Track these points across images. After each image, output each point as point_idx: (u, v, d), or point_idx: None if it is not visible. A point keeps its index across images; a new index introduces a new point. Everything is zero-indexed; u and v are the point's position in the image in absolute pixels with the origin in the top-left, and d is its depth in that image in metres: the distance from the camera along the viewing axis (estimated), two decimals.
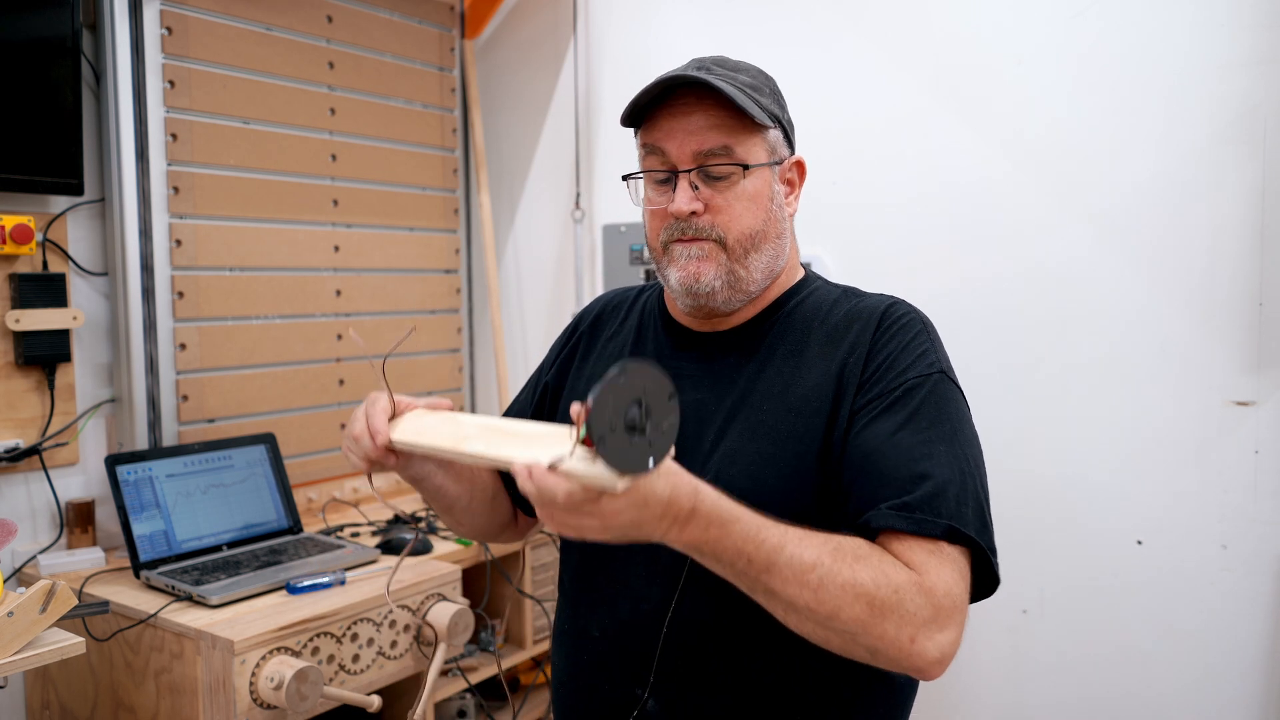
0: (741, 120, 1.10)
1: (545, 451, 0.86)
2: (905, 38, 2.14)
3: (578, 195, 2.69)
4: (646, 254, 2.57)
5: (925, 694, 2.14)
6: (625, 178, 1.19)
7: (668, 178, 1.13)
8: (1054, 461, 1.99)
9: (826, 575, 0.91)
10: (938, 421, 1.04)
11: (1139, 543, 1.92)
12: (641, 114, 1.14)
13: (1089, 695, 1.98)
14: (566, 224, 2.74)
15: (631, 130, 1.19)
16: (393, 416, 1.11)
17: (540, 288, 2.83)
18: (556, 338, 1.40)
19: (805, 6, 2.27)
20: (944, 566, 0.97)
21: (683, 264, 1.13)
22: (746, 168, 1.11)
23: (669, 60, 2.70)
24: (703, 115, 1.10)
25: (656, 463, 0.84)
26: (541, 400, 1.34)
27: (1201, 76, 1.81)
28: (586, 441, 0.83)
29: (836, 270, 2.24)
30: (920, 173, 2.13)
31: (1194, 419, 1.85)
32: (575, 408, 0.84)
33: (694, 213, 1.11)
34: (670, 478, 0.87)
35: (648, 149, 1.14)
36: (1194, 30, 1.81)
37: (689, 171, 1.11)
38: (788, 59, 2.28)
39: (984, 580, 1.02)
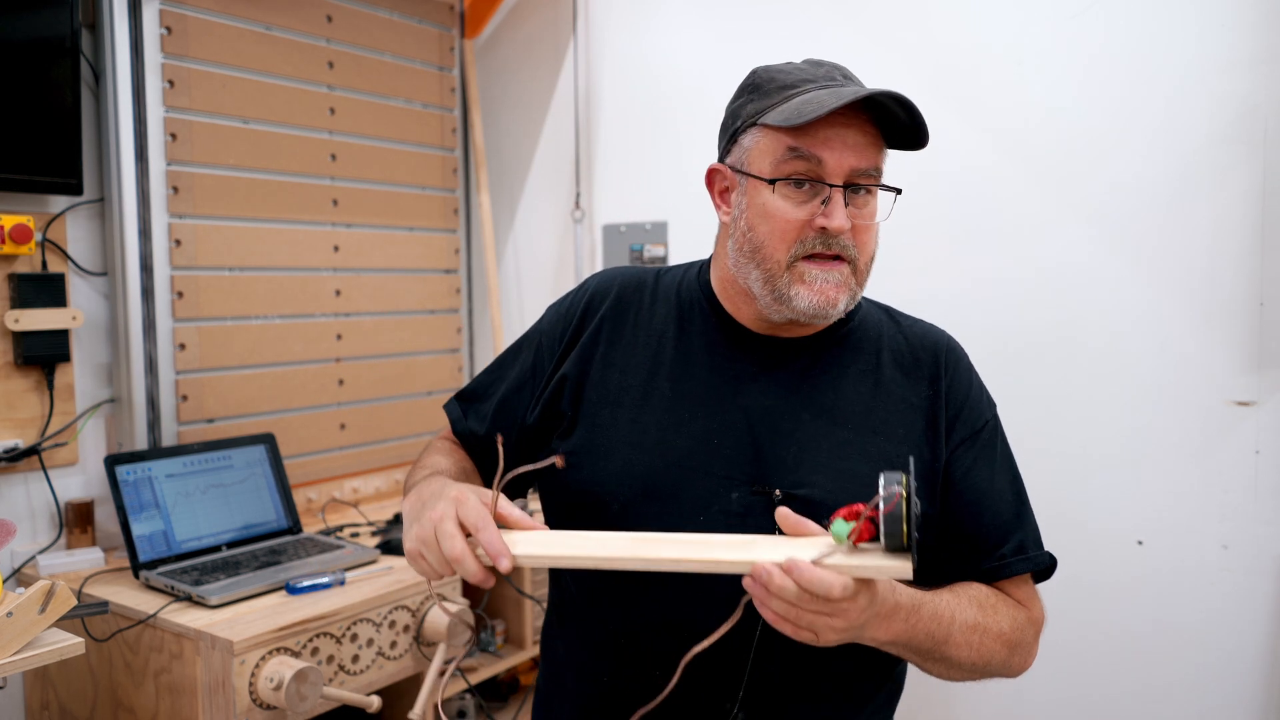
0: (881, 139, 1.08)
1: (785, 552, 0.87)
2: (906, 38, 2.14)
3: (578, 195, 2.69)
4: (647, 254, 2.56)
5: (926, 693, 2.14)
6: (772, 181, 1.07)
7: (812, 187, 1.06)
8: (1054, 461, 1.99)
9: (985, 633, 1.04)
10: (1008, 457, 1.19)
11: (1139, 543, 1.92)
12: (796, 114, 1.05)
13: (1089, 694, 1.98)
14: (566, 224, 2.74)
15: (743, 127, 1.12)
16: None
17: (540, 288, 2.83)
18: (552, 318, 1.26)
19: (805, 7, 2.27)
20: (1036, 592, 1.17)
21: (819, 287, 1.06)
22: (899, 191, 1.10)
23: (669, 60, 2.68)
24: (859, 131, 1.05)
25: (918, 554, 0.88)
26: (558, 391, 1.20)
27: (1202, 76, 1.81)
28: (862, 535, 0.87)
29: None
30: (921, 172, 2.12)
31: (1194, 419, 1.85)
32: (785, 517, 0.92)
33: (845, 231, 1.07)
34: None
35: (796, 153, 1.05)
36: (1194, 30, 1.81)
37: (845, 188, 1.06)
38: (788, 59, 2.28)
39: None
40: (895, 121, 1.06)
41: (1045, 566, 1.15)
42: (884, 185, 1.10)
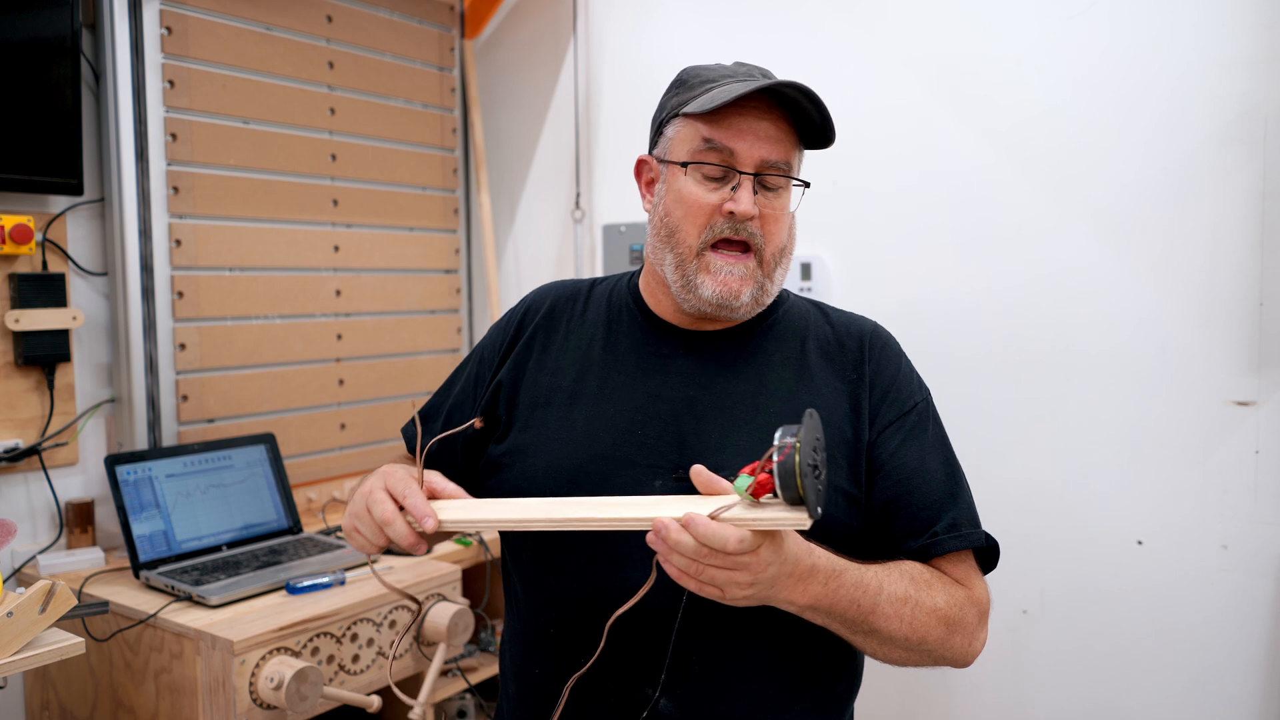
0: (795, 136, 1.12)
1: (684, 508, 0.88)
2: (907, 39, 2.14)
3: (578, 195, 2.69)
4: (647, 252, 2.56)
5: (927, 693, 2.14)
6: (685, 165, 1.13)
7: (725, 176, 1.11)
8: (1054, 462, 1.99)
9: (916, 606, 1.03)
10: (942, 439, 1.18)
11: (1139, 543, 1.92)
12: (712, 103, 1.09)
13: (1089, 695, 1.98)
14: (566, 224, 2.74)
15: (666, 119, 1.17)
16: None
17: None
18: (493, 332, 1.32)
19: (806, 8, 2.27)
20: (977, 573, 1.13)
21: (723, 278, 1.11)
22: (807, 185, 1.13)
23: (669, 60, 2.70)
24: (773, 124, 1.10)
25: (823, 507, 0.87)
26: (494, 397, 1.24)
27: (1202, 76, 1.81)
28: (763, 488, 0.87)
29: (837, 272, 2.24)
30: (922, 173, 2.13)
31: (1194, 419, 1.85)
32: (699, 474, 0.92)
33: (753, 217, 1.11)
34: (796, 535, 0.93)
35: (710, 144, 1.11)
36: (1195, 30, 1.81)
37: (754, 176, 1.10)
38: (789, 59, 2.28)
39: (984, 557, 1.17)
40: (808, 120, 1.11)
41: (982, 545, 1.12)
42: (793, 178, 1.13)
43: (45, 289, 1.94)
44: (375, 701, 1.74)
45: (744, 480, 0.89)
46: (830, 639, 1.11)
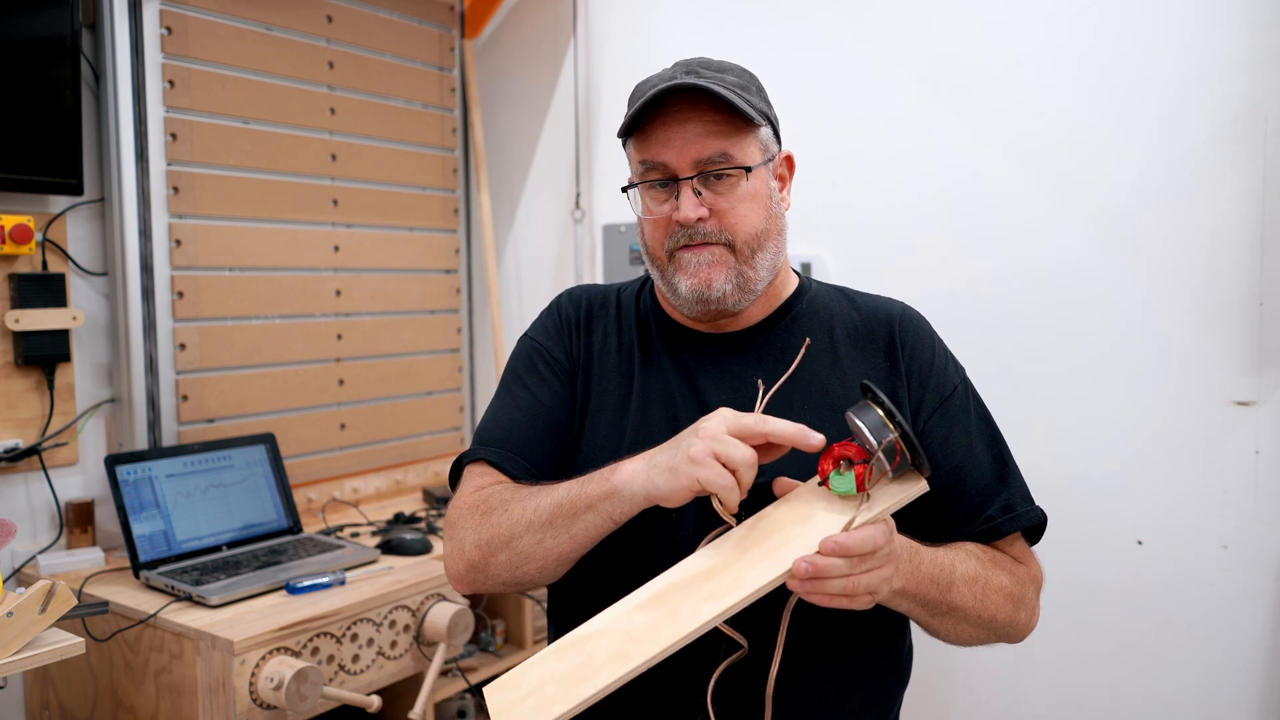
0: (735, 122, 1.10)
1: (812, 532, 0.87)
2: (905, 38, 2.14)
3: (578, 195, 2.69)
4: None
5: (926, 694, 2.14)
6: (625, 189, 1.18)
7: (668, 184, 1.13)
8: (1054, 461, 1.99)
9: (987, 584, 1.06)
10: (984, 417, 1.19)
11: (1139, 543, 1.92)
12: (634, 123, 1.13)
13: (1089, 695, 1.98)
14: (566, 224, 2.74)
15: (624, 143, 1.18)
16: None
17: (540, 288, 2.83)
18: (549, 337, 1.27)
19: (805, 7, 2.27)
20: (1031, 552, 1.17)
21: (693, 271, 1.12)
22: (749, 170, 1.11)
23: (669, 60, 2.69)
24: (698, 122, 1.10)
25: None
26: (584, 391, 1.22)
27: (1202, 76, 1.81)
28: (861, 480, 0.87)
29: (837, 271, 2.23)
30: (921, 173, 2.13)
31: (1194, 419, 1.85)
32: (781, 485, 0.95)
33: (700, 219, 1.11)
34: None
35: (646, 165, 1.12)
36: (1194, 30, 1.81)
37: (691, 179, 1.10)
38: (788, 60, 2.28)
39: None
40: (733, 106, 1.09)
41: (1036, 523, 1.15)
42: (735, 168, 1.10)
43: (45, 289, 1.94)
44: (375, 701, 1.74)
45: (840, 480, 0.89)
46: (876, 633, 1.12)
